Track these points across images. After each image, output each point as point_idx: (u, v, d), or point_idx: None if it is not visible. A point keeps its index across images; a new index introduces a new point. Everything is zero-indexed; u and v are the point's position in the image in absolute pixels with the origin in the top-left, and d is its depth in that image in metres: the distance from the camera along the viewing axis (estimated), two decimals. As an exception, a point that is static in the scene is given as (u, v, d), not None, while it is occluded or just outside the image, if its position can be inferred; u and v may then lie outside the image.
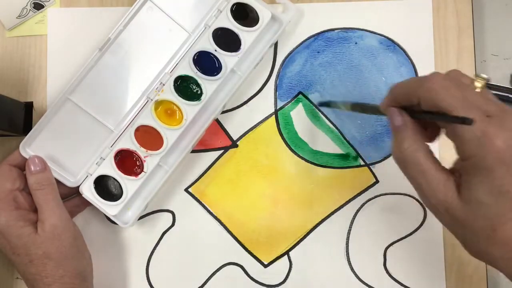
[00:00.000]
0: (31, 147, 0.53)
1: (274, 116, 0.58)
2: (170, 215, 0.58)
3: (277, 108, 0.58)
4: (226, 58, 0.55)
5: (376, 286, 0.57)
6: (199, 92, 0.55)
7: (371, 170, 0.58)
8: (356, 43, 0.59)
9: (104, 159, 0.54)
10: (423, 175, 0.37)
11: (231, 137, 0.58)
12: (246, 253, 0.57)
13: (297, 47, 0.59)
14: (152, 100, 0.55)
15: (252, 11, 0.56)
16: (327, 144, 0.58)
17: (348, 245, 0.57)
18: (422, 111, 0.38)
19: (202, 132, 0.55)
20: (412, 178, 0.38)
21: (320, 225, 0.58)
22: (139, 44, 0.56)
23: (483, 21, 0.61)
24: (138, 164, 0.54)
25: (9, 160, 0.52)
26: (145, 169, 0.54)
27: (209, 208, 0.58)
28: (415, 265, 0.57)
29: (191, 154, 0.58)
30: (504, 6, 0.61)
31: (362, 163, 0.58)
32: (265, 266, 0.57)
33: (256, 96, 0.59)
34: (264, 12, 0.55)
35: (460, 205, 0.36)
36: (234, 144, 0.58)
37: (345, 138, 0.58)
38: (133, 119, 0.55)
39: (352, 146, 0.58)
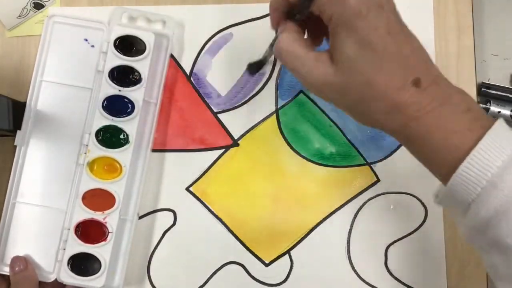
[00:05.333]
0: (5, 258, 0.55)
1: (275, 115, 0.58)
2: (171, 214, 0.58)
3: (278, 107, 0.58)
4: (133, 93, 0.55)
5: (377, 285, 0.57)
6: (124, 136, 0.55)
7: (372, 169, 0.58)
8: (357, 41, 0.59)
9: (66, 241, 0.54)
10: (298, 58, 0.39)
11: (232, 136, 0.58)
12: (247, 252, 0.57)
13: (298, 45, 0.59)
14: (83, 164, 0.54)
15: (135, 39, 0.55)
16: (328, 143, 0.58)
17: (349, 244, 0.57)
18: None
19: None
20: (290, 65, 0.40)
21: (321, 224, 0.57)
22: (55, 122, 0.56)
23: (483, 21, 0.61)
24: (102, 228, 0.54)
25: None
26: (110, 230, 0.54)
27: (210, 207, 0.58)
28: (416, 264, 0.57)
29: (192, 153, 0.58)
30: (504, 6, 0.61)
31: (363, 162, 0.58)
32: (266, 265, 0.57)
33: (257, 95, 0.58)
34: (147, 37, 0.55)
35: (335, 70, 0.38)
36: (235, 143, 0.58)
37: (346, 137, 0.58)
38: (76, 189, 0.55)
39: (353, 145, 0.58)
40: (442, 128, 0.36)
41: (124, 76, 0.55)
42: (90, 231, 0.54)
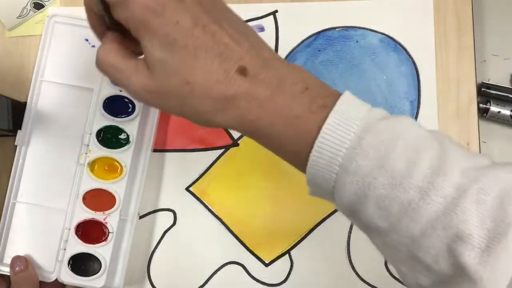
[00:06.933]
0: (5, 258, 0.55)
1: (275, 115, 0.58)
2: (171, 214, 0.58)
3: (278, 107, 0.58)
4: None
5: (377, 285, 0.57)
6: (125, 136, 0.55)
7: (372, 169, 0.58)
8: (357, 41, 0.59)
9: (67, 241, 0.54)
10: (116, 69, 0.36)
11: (232, 136, 0.58)
12: (247, 252, 0.57)
13: (298, 45, 0.59)
14: (84, 164, 0.54)
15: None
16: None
17: (349, 244, 0.57)
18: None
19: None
20: (110, 77, 0.37)
21: (321, 224, 0.57)
22: (55, 122, 0.56)
23: (483, 21, 0.61)
24: (102, 228, 0.54)
25: None
26: (110, 230, 0.54)
27: (210, 207, 0.58)
28: (416, 264, 0.57)
29: (192, 153, 0.58)
30: (504, 6, 0.61)
31: (363, 162, 0.58)
32: (266, 265, 0.57)
33: (257, 95, 0.58)
34: None
35: (151, 76, 0.34)
36: (235, 143, 0.58)
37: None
38: (76, 190, 0.55)
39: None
40: (283, 116, 0.33)
41: None
42: (91, 231, 0.54)
